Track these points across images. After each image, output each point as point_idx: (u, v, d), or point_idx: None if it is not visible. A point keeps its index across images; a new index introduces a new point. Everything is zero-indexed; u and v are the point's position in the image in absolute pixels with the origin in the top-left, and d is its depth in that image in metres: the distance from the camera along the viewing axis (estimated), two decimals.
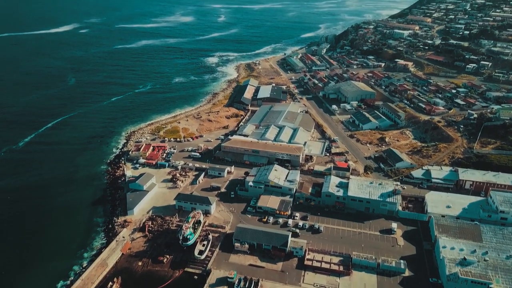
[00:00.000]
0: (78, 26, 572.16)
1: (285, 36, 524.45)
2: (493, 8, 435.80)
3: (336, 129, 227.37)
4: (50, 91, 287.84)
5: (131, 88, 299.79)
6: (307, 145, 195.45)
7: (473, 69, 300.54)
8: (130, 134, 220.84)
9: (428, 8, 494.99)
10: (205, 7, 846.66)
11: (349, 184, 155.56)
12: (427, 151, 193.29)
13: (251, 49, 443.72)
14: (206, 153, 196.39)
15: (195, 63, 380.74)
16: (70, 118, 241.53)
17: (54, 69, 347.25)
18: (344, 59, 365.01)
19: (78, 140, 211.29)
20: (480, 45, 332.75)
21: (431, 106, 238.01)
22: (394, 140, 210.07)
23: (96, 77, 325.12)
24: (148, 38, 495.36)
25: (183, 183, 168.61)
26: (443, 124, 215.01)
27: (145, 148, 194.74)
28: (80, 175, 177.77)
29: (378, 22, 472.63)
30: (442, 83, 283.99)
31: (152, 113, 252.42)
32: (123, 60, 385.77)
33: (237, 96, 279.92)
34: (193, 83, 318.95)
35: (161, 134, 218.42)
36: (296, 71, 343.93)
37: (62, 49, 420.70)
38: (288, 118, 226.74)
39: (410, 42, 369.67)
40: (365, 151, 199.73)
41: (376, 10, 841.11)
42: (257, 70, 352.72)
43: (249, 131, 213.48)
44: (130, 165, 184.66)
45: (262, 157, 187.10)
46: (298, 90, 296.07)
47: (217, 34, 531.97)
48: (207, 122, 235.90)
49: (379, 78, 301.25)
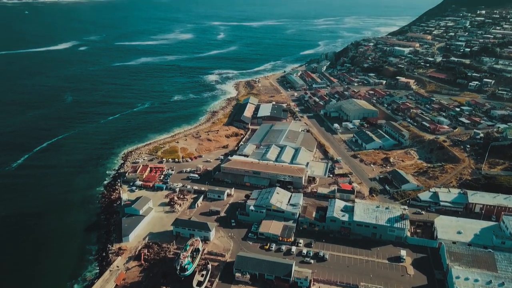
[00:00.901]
0: (77, 43, 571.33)
1: (284, 53, 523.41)
2: (493, 25, 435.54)
3: (339, 149, 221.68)
4: (46, 110, 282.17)
5: (129, 106, 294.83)
6: (310, 166, 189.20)
7: (476, 87, 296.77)
8: (127, 155, 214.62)
9: (427, 26, 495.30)
10: (204, 25, 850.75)
11: (355, 208, 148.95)
12: (433, 172, 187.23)
13: (251, 66, 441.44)
14: (205, 174, 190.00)
15: (194, 81, 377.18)
16: (66, 138, 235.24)
17: (51, 87, 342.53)
18: (344, 76, 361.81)
19: (73, 161, 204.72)
20: (481, 62, 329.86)
21: (436, 125, 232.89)
22: (398, 160, 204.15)
23: (94, 95, 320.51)
24: (147, 55, 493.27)
25: (181, 207, 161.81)
26: (448, 144, 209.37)
27: (142, 169, 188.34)
28: (74, 198, 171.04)
29: (378, 39, 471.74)
30: (445, 101, 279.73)
31: (150, 132, 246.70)
32: (121, 78, 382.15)
33: (237, 114, 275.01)
34: (192, 101, 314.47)
35: (159, 155, 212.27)
36: (297, 88, 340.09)
37: (60, 67, 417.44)
38: (290, 138, 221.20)
39: (411, 60, 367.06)
40: (369, 172, 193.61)
41: (374, 27, 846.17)
42: (257, 87, 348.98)
43: (249, 151, 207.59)
44: (126, 188, 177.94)
45: (263, 178, 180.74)
46: (298, 108, 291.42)
47: (216, 52, 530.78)
48: (206, 142, 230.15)
49: (381, 96, 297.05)
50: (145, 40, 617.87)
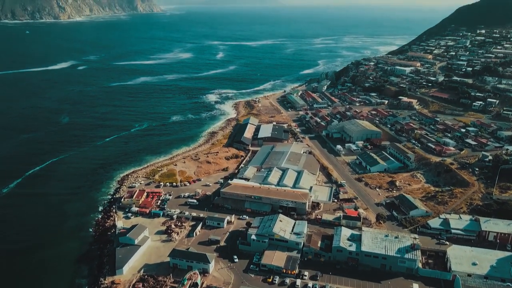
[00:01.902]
0: (76, 63, 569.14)
1: (284, 72, 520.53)
2: (494, 44, 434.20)
3: (343, 172, 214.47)
4: (40, 133, 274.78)
5: (127, 127, 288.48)
6: (313, 190, 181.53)
7: (480, 107, 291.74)
8: (123, 179, 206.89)
9: (427, 45, 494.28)
10: (203, 44, 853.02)
11: (362, 237, 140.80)
12: (442, 196, 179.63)
13: (250, 86, 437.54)
14: (204, 199, 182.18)
15: (193, 101, 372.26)
16: (60, 161, 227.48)
17: (47, 108, 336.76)
18: (346, 96, 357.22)
19: (66, 186, 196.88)
20: (484, 82, 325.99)
21: (441, 146, 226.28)
22: (405, 184, 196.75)
23: (91, 116, 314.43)
24: (146, 75, 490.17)
25: (178, 236, 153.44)
26: (456, 167, 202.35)
27: (138, 194, 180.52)
28: (66, 226, 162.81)
29: (378, 58, 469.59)
30: (449, 121, 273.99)
31: (148, 155, 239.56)
32: (119, 98, 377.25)
33: (237, 135, 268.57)
34: (191, 122, 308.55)
35: (156, 178, 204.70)
36: (297, 108, 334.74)
37: (57, 87, 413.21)
38: (292, 160, 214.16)
39: (413, 79, 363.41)
40: (375, 197, 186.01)
41: (373, 46, 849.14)
42: (257, 107, 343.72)
43: (250, 174, 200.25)
44: (121, 214, 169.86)
45: (265, 204, 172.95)
46: (300, 129, 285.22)
47: (215, 71, 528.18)
48: (205, 164, 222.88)
49: (384, 116, 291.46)
50: (144, 60, 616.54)
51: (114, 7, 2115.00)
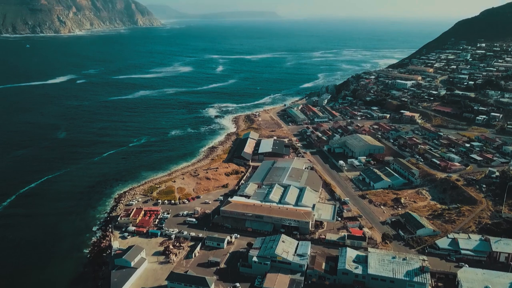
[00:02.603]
0: (74, 77, 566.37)
1: (284, 86, 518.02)
2: (495, 58, 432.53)
3: (346, 188, 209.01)
4: (35, 149, 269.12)
5: (125, 142, 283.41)
6: (316, 208, 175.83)
7: (483, 121, 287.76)
8: (120, 196, 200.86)
9: (428, 58, 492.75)
10: (203, 58, 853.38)
11: (369, 259, 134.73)
12: (449, 215, 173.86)
13: (250, 100, 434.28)
14: (203, 217, 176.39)
15: (192, 115, 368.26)
16: (55, 178, 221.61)
17: (44, 123, 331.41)
18: (347, 110, 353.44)
19: (61, 204, 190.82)
20: (487, 95, 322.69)
21: (446, 162, 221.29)
22: (410, 201, 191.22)
23: (89, 131, 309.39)
24: (145, 89, 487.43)
25: (176, 257, 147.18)
26: (462, 183, 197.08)
27: (135, 213, 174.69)
28: (60, 246, 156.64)
29: (379, 72, 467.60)
30: (453, 135, 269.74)
31: (146, 171, 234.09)
32: (118, 112, 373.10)
33: (237, 150, 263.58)
34: (190, 136, 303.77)
35: (154, 196, 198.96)
36: (298, 123, 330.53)
37: (55, 101, 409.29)
38: (293, 176, 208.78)
39: (414, 93, 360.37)
40: (380, 215, 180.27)
41: (372, 59, 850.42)
42: (257, 122, 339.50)
43: (251, 191, 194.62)
44: (118, 234, 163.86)
45: (266, 223, 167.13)
46: (301, 144, 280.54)
47: (215, 85, 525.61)
48: (205, 181, 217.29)
49: (386, 130, 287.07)
50: (143, 74, 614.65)
51: (114, 21, 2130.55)
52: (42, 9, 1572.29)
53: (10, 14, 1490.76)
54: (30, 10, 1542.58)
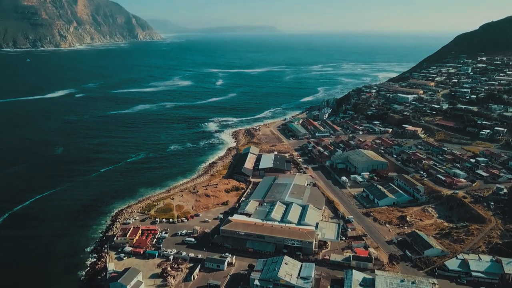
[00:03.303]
0: (74, 91, 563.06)
1: (284, 100, 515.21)
2: (496, 72, 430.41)
3: (349, 206, 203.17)
4: (31, 165, 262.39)
5: (123, 157, 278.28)
6: (320, 227, 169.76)
7: (487, 136, 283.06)
8: (117, 214, 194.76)
9: (429, 72, 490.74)
10: (202, 72, 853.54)
11: (376, 283, 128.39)
12: (457, 234, 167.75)
13: (250, 114, 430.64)
14: (202, 237, 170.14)
15: (192, 129, 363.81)
16: (51, 195, 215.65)
17: (41, 138, 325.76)
18: (348, 124, 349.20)
19: (56, 222, 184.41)
20: (490, 109, 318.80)
21: (452, 178, 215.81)
22: (416, 219, 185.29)
23: (87, 146, 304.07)
24: (144, 103, 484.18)
25: (174, 280, 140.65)
26: (469, 200, 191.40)
27: (132, 232, 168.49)
28: (53, 268, 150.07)
29: (379, 85, 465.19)
30: (457, 150, 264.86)
31: (143, 187, 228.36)
32: (116, 127, 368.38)
33: (237, 165, 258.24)
34: (190, 151, 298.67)
35: (152, 214, 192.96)
36: (299, 137, 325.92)
37: (53, 116, 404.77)
38: (295, 193, 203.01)
39: (416, 107, 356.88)
40: (385, 234, 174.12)
41: (372, 73, 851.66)
42: (257, 136, 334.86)
43: (251, 208, 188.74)
44: (113, 255, 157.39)
45: (268, 243, 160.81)
46: (302, 159, 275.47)
47: (215, 99, 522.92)
48: (204, 198, 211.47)
49: (389, 145, 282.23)
50: (142, 88, 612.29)
51: (115, 35, 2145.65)
52: (43, 24, 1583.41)
53: (11, 28, 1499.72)
54: (31, 25, 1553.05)
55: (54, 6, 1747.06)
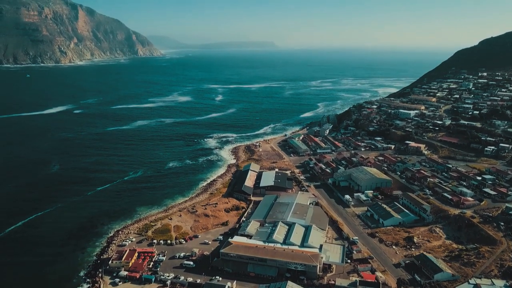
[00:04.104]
0: (72, 107, 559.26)
1: (284, 115, 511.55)
2: (498, 87, 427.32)
3: (354, 226, 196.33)
4: (27, 182, 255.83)
5: (120, 175, 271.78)
6: (324, 249, 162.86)
7: (492, 152, 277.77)
8: (113, 235, 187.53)
9: (429, 88, 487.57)
10: (202, 87, 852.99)
11: None
12: (467, 256, 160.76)
13: (250, 129, 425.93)
14: (201, 260, 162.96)
15: (191, 146, 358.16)
16: (46, 215, 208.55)
17: (37, 155, 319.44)
18: (350, 141, 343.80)
19: (49, 244, 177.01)
20: (494, 125, 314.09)
21: (459, 197, 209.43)
22: (424, 240, 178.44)
23: (83, 164, 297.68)
24: (143, 119, 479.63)
25: None
26: (478, 221, 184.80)
27: (128, 255, 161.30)
28: None
29: (381, 101, 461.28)
30: (462, 168, 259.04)
31: (141, 206, 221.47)
32: (115, 143, 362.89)
33: (237, 183, 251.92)
34: (188, 169, 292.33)
35: (149, 235, 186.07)
36: (300, 154, 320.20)
37: (50, 132, 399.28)
38: (298, 213, 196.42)
39: (418, 123, 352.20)
40: (392, 256, 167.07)
41: (372, 88, 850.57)
42: (258, 152, 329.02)
43: (252, 229, 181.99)
44: (108, 280, 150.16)
45: (270, 267, 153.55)
46: (304, 176, 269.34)
47: (214, 115, 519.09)
48: (203, 218, 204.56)
49: (392, 162, 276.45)
50: (141, 103, 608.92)
51: (115, 51, 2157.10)
52: (43, 40, 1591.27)
53: (11, 44, 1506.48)
54: (31, 41, 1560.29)
55: (55, 23, 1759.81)
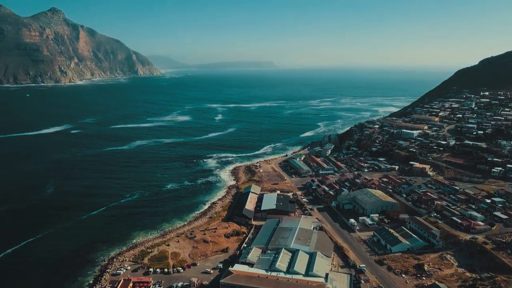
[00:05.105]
0: (70, 126, 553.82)
1: (284, 135, 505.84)
2: (501, 107, 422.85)
3: (360, 252, 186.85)
4: (20, 205, 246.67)
5: (117, 197, 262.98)
6: (330, 279, 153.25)
7: (500, 173, 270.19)
8: (107, 263, 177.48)
9: (431, 107, 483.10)
10: (202, 107, 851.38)
11: None
12: (482, 286, 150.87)
13: (250, 150, 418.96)
14: None
15: (190, 166, 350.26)
16: (37, 241, 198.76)
17: (32, 176, 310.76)
18: (353, 161, 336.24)
19: (37, 275, 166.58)
20: (499, 146, 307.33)
21: (469, 221, 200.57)
22: (435, 268, 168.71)
23: (79, 185, 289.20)
24: (142, 138, 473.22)
25: None
26: (491, 247, 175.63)
27: (122, 285, 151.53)
28: None
29: (382, 121, 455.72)
30: (470, 190, 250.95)
31: (137, 231, 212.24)
32: (112, 164, 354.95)
33: (237, 206, 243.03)
34: (187, 191, 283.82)
35: (145, 262, 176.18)
36: (302, 175, 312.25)
37: (47, 152, 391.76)
38: (301, 239, 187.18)
39: (422, 143, 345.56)
40: (402, 286, 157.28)
41: (371, 107, 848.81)
42: (258, 173, 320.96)
43: (254, 257, 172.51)
44: None
45: None
46: (307, 199, 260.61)
47: (214, 134, 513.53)
48: (202, 244, 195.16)
49: (397, 184, 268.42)
50: (141, 123, 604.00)
51: (115, 70, 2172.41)
52: (44, 60, 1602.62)
53: (12, 64, 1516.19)
54: (32, 61, 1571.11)
55: (56, 43, 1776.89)
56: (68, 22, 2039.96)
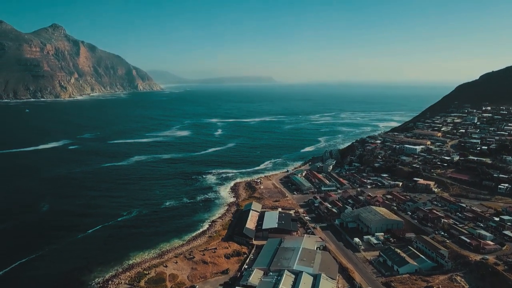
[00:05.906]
0: (68, 142, 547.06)
1: (284, 150, 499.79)
2: (504, 122, 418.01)
3: (366, 273, 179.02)
4: (13, 224, 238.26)
5: (114, 215, 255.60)
6: None
7: (507, 190, 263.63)
8: (102, 286, 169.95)
9: (433, 122, 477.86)
10: (201, 122, 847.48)
11: None
12: None
13: (250, 165, 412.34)
14: None
15: (189, 183, 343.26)
16: (28, 262, 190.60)
17: (26, 193, 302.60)
18: (355, 177, 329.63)
19: None
20: (505, 161, 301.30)
21: (478, 240, 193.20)
22: None
23: (75, 203, 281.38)
24: (140, 154, 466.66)
25: None
26: (503, 268, 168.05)
27: None
28: None
29: (384, 136, 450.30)
30: (476, 207, 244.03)
31: (133, 251, 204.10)
32: (109, 180, 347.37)
33: (238, 225, 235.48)
34: (186, 208, 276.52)
35: (141, 285, 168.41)
36: (304, 191, 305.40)
37: (43, 169, 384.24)
38: (305, 259, 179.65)
39: (425, 158, 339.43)
40: None
41: (372, 122, 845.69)
42: (259, 190, 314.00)
43: (255, 279, 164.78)
44: None
45: None
46: (309, 217, 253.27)
47: (213, 149, 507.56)
48: (201, 265, 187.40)
49: (401, 201, 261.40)
50: (140, 138, 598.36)
51: (115, 86, 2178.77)
52: (44, 75, 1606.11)
53: (12, 80, 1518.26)
54: (32, 76, 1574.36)
55: (57, 58, 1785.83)
56: (69, 37, 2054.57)
